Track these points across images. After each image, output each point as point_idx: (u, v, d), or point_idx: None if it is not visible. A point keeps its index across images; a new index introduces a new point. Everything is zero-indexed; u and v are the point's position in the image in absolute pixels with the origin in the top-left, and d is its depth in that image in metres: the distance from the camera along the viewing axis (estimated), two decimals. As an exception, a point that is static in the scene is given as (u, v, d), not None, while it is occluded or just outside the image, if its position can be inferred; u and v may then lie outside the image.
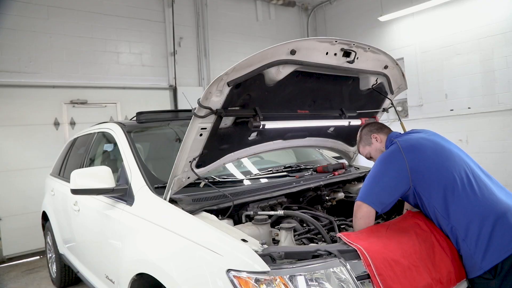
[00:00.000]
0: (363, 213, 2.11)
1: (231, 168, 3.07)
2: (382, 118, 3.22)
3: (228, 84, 1.98)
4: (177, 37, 7.99)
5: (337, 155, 3.69)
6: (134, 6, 7.48)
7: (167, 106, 7.83)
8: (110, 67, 7.20)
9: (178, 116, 3.56)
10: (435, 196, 2.10)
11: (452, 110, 7.66)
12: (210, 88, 1.96)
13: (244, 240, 1.82)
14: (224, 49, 8.73)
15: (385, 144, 2.40)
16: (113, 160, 3.31)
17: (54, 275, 4.70)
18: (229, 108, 2.13)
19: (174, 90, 7.93)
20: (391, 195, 2.13)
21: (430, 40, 7.98)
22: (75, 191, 2.60)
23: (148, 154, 3.19)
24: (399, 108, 8.44)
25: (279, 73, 2.14)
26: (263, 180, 2.87)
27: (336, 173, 3.11)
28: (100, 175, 2.61)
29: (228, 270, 1.68)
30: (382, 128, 2.51)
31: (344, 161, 3.61)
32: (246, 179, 2.84)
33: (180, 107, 7.63)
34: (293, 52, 2.07)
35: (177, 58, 7.97)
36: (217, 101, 2.04)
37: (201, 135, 2.14)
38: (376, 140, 2.45)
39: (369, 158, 2.53)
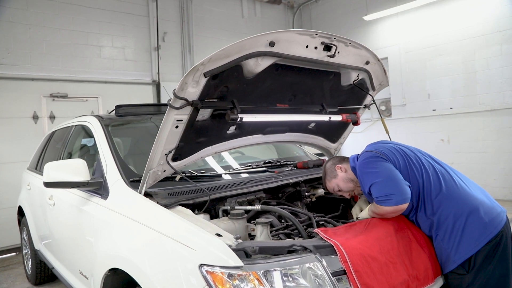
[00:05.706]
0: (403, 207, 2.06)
1: (211, 162, 3.02)
2: (366, 117, 3.21)
3: (205, 75, 1.93)
4: (161, 32, 7.89)
5: (319, 151, 3.67)
6: (117, -1, 7.37)
7: (150, 101, 7.72)
8: (92, 60, 7.06)
9: (158, 110, 3.49)
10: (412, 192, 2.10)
11: (435, 110, 7.75)
12: (185, 78, 1.90)
13: (218, 235, 1.78)
14: (209, 45, 8.64)
15: (351, 170, 2.38)
16: (92, 155, 3.22)
17: (29, 271, 4.59)
18: (206, 100, 2.08)
19: (157, 85, 7.83)
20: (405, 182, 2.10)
21: (414, 41, 8.05)
22: (48, 184, 2.52)
23: (127, 148, 3.12)
24: (382, 108, 8.49)
25: (258, 65, 2.09)
26: (242, 175, 2.83)
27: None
28: (74, 168, 2.54)
29: (201, 265, 1.63)
30: (344, 159, 2.49)
31: (325, 157, 3.59)
32: (224, 173, 2.80)
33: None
34: (272, 44, 2.02)
35: (160, 53, 7.87)
36: (193, 92, 1.99)
37: (177, 127, 2.09)
38: (341, 170, 2.42)
39: (338, 191, 2.48)
